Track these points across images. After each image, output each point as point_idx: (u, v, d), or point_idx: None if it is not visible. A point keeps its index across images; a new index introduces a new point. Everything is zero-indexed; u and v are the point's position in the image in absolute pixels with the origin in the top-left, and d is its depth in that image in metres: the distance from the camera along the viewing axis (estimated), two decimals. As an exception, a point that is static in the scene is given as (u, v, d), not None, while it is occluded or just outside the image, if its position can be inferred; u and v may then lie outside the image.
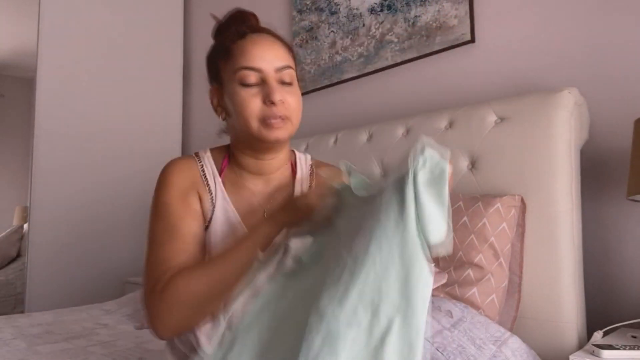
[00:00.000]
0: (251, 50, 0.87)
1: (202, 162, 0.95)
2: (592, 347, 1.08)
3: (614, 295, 1.39)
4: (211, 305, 0.79)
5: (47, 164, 2.48)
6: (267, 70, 0.87)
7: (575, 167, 1.33)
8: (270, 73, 0.87)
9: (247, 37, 0.89)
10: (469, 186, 1.46)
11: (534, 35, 1.59)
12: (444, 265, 1.33)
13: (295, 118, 0.90)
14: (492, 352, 1.04)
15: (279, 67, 0.87)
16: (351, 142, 1.87)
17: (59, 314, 1.85)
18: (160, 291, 0.78)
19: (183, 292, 0.77)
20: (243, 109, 0.86)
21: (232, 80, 0.88)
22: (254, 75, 0.86)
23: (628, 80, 1.39)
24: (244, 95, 0.86)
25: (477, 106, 1.52)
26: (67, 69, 2.57)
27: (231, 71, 0.88)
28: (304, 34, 2.33)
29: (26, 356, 1.29)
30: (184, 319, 0.78)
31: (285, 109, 0.87)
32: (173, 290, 0.77)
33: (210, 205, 0.90)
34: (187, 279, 0.77)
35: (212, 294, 0.78)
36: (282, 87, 0.88)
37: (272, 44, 0.89)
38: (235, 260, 0.79)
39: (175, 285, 0.77)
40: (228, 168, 0.96)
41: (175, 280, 0.77)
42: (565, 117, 1.31)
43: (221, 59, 0.91)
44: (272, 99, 0.85)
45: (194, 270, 0.79)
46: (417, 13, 1.88)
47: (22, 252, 3.78)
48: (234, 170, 0.96)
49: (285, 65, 0.88)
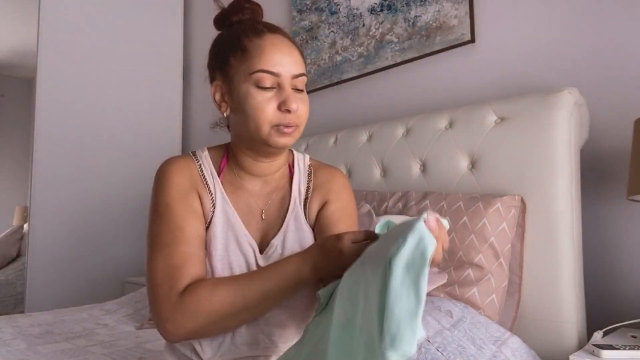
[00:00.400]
0: (271, 53, 0.85)
1: (199, 161, 0.93)
2: (592, 347, 1.07)
3: (614, 295, 1.39)
4: (228, 322, 0.79)
5: (47, 164, 2.48)
6: (284, 76, 0.85)
7: (575, 167, 1.33)
8: (287, 79, 0.85)
9: (265, 37, 0.86)
10: (469, 186, 1.46)
11: (534, 35, 1.59)
12: (444, 265, 1.33)
13: (303, 125, 0.89)
14: (492, 352, 1.04)
15: (296, 74, 0.86)
16: (351, 142, 1.87)
17: (59, 314, 1.85)
18: (179, 297, 0.77)
19: (204, 303, 0.76)
20: (257, 113, 0.84)
21: (246, 80, 0.85)
22: (271, 78, 0.84)
23: (628, 80, 1.39)
24: (259, 99, 0.84)
25: (477, 106, 1.52)
26: (67, 69, 2.57)
27: (246, 70, 0.85)
28: (304, 34, 2.33)
29: (26, 356, 1.29)
30: (199, 329, 0.78)
31: (297, 117, 0.86)
32: (194, 299, 0.77)
33: (210, 206, 0.89)
34: (210, 291, 0.77)
35: (232, 313, 0.78)
36: (296, 94, 0.86)
37: (290, 49, 0.87)
38: (261, 286, 0.79)
39: (196, 295, 0.77)
40: (227, 168, 0.95)
41: (197, 289, 0.77)
42: (565, 117, 1.31)
43: (233, 54, 0.88)
44: (289, 107, 0.83)
45: (219, 285, 0.79)
46: (417, 13, 1.88)
47: (22, 252, 3.78)
48: (233, 170, 0.94)
49: (301, 72, 0.87)
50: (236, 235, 0.88)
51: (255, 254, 0.89)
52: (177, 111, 3.03)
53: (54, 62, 2.52)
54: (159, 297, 0.79)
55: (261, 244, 0.91)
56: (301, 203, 0.95)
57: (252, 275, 0.82)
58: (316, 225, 0.95)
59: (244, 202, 0.92)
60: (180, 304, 0.77)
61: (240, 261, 0.87)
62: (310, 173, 0.99)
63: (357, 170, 1.82)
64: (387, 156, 1.73)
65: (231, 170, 0.94)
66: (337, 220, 0.94)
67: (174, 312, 0.77)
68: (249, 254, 0.88)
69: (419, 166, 1.63)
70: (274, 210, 0.94)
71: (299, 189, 0.96)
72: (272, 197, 0.95)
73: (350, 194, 1.00)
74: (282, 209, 0.94)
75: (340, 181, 1.00)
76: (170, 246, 0.82)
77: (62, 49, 2.55)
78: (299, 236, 0.92)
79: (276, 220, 0.93)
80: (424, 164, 1.61)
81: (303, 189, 0.97)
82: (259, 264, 0.88)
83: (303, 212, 0.95)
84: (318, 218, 0.95)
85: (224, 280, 0.81)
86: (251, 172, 0.94)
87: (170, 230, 0.83)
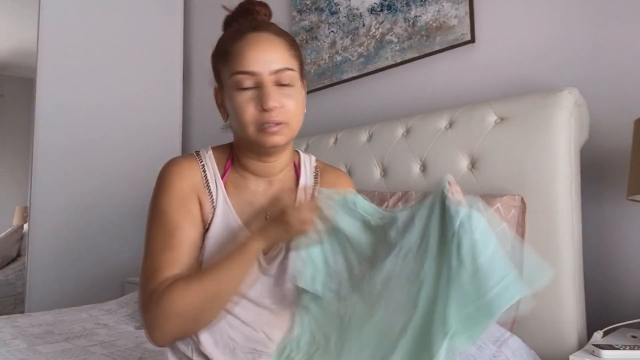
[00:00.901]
0: (247, 52, 0.84)
1: (203, 162, 0.92)
2: (592, 347, 1.08)
3: (614, 295, 1.39)
4: (205, 316, 0.80)
5: (47, 164, 2.48)
6: (262, 74, 0.83)
7: (575, 167, 1.33)
8: (265, 76, 0.83)
9: (245, 37, 0.85)
10: (469, 186, 1.46)
11: (533, 35, 1.59)
12: (444, 265, 1.33)
13: (294, 122, 0.87)
14: (492, 352, 1.04)
15: (276, 69, 0.84)
16: (351, 142, 1.87)
17: (59, 314, 1.85)
18: (156, 302, 0.78)
19: (178, 304, 0.77)
20: (239, 114, 0.84)
21: (229, 84, 0.85)
22: (250, 78, 0.83)
23: (628, 80, 1.39)
24: (239, 100, 0.84)
25: (477, 106, 1.52)
26: (67, 69, 2.57)
27: (228, 74, 0.86)
28: (304, 34, 2.33)
29: (26, 356, 1.29)
30: (179, 329, 0.80)
31: (282, 114, 0.84)
32: (169, 301, 0.77)
33: (210, 209, 0.89)
34: (181, 290, 0.78)
35: (206, 306, 0.79)
36: (280, 89, 0.84)
37: (270, 44, 0.85)
38: (227, 274, 0.80)
39: (170, 297, 0.77)
40: (231, 169, 0.94)
41: (171, 291, 0.78)
42: (565, 117, 1.31)
43: (221, 60, 0.89)
44: (265, 106, 0.82)
45: (189, 283, 0.79)
46: (417, 13, 1.88)
47: (22, 252, 3.77)
48: (237, 171, 0.94)
49: (282, 67, 0.84)
50: (235, 238, 0.88)
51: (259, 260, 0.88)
52: (177, 111, 3.02)
53: (54, 62, 2.52)
54: (143, 304, 0.81)
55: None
56: None
57: (216, 265, 0.82)
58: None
59: (248, 203, 0.92)
60: (158, 309, 0.77)
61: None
62: (316, 175, 0.99)
63: (357, 170, 1.82)
64: (387, 156, 1.73)
65: (235, 171, 0.94)
66: None
67: (154, 317, 0.78)
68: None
69: (419, 166, 1.63)
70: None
71: (305, 192, 0.96)
72: (278, 198, 0.93)
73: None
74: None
75: (346, 184, 1.00)
76: (159, 252, 0.83)
77: (62, 49, 2.55)
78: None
79: None
80: (424, 164, 1.61)
81: (309, 192, 0.96)
82: (262, 265, 0.87)
83: None
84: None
85: (194, 277, 0.81)
86: (255, 173, 0.93)
87: (164, 236, 0.84)
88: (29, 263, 2.41)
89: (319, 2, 2.27)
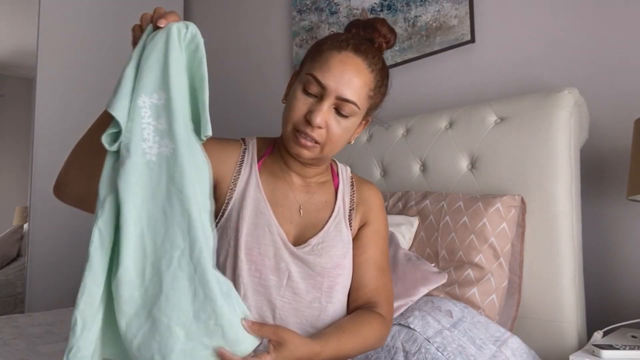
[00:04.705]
0: (332, 64, 0.85)
1: (246, 146, 0.96)
2: (592, 347, 1.07)
3: (614, 295, 1.39)
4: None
5: (47, 164, 2.48)
6: (329, 92, 0.84)
7: (575, 167, 1.33)
8: (330, 95, 0.84)
9: (342, 51, 0.85)
10: (469, 186, 1.46)
11: (533, 35, 1.59)
12: (444, 265, 1.33)
13: (329, 147, 0.87)
14: (492, 352, 1.04)
15: (342, 97, 0.84)
16: (351, 142, 1.86)
17: (59, 314, 1.85)
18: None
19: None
20: (290, 108, 0.87)
21: (301, 78, 0.88)
22: (317, 87, 0.85)
23: (628, 80, 1.39)
24: (298, 97, 0.86)
25: (477, 106, 1.52)
26: (67, 69, 2.57)
27: (306, 70, 0.88)
28: (304, 34, 2.33)
29: (26, 356, 1.29)
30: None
31: (321, 135, 0.85)
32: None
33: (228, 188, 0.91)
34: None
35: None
36: (334, 114, 0.85)
37: (356, 73, 0.85)
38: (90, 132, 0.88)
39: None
40: (270, 157, 0.97)
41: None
42: (565, 117, 1.31)
43: (311, 53, 0.90)
44: (310, 119, 0.84)
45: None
46: (417, 13, 1.88)
47: (22, 252, 3.77)
48: (276, 161, 0.96)
49: (350, 99, 0.84)
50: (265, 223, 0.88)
51: (286, 245, 0.88)
52: (177, 111, 3.02)
53: (54, 62, 2.52)
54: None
55: (296, 238, 0.91)
56: (345, 213, 0.97)
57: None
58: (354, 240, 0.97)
59: (282, 193, 0.94)
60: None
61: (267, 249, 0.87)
62: (352, 185, 1.01)
63: (357, 170, 1.82)
64: (387, 156, 1.73)
65: (275, 160, 0.96)
66: (371, 241, 0.98)
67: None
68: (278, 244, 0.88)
69: (419, 166, 1.63)
70: (314, 210, 0.95)
71: (343, 200, 0.98)
72: (314, 198, 0.96)
73: (385, 215, 1.04)
74: (323, 211, 0.95)
75: (379, 201, 1.03)
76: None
77: (62, 49, 2.55)
78: (337, 244, 0.92)
79: (315, 221, 0.94)
80: (424, 164, 1.61)
81: (347, 200, 0.98)
82: (290, 255, 0.88)
83: (346, 223, 0.96)
84: (357, 235, 0.98)
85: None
86: (291, 168, 0.95)
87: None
88: (29, 263, 2.41)
89: (319, 2, 2.27)
